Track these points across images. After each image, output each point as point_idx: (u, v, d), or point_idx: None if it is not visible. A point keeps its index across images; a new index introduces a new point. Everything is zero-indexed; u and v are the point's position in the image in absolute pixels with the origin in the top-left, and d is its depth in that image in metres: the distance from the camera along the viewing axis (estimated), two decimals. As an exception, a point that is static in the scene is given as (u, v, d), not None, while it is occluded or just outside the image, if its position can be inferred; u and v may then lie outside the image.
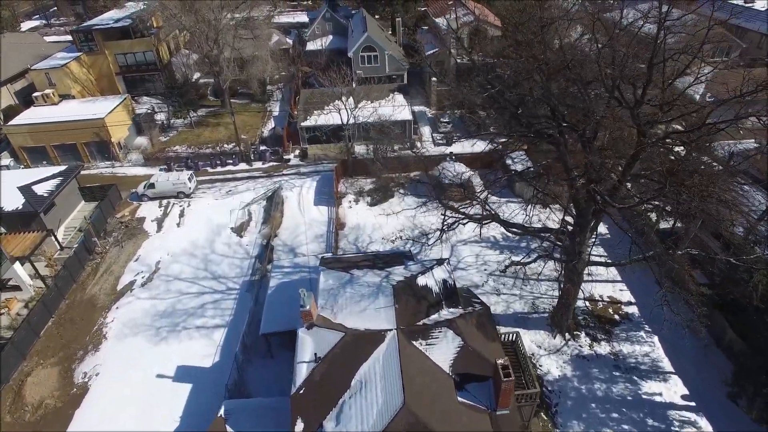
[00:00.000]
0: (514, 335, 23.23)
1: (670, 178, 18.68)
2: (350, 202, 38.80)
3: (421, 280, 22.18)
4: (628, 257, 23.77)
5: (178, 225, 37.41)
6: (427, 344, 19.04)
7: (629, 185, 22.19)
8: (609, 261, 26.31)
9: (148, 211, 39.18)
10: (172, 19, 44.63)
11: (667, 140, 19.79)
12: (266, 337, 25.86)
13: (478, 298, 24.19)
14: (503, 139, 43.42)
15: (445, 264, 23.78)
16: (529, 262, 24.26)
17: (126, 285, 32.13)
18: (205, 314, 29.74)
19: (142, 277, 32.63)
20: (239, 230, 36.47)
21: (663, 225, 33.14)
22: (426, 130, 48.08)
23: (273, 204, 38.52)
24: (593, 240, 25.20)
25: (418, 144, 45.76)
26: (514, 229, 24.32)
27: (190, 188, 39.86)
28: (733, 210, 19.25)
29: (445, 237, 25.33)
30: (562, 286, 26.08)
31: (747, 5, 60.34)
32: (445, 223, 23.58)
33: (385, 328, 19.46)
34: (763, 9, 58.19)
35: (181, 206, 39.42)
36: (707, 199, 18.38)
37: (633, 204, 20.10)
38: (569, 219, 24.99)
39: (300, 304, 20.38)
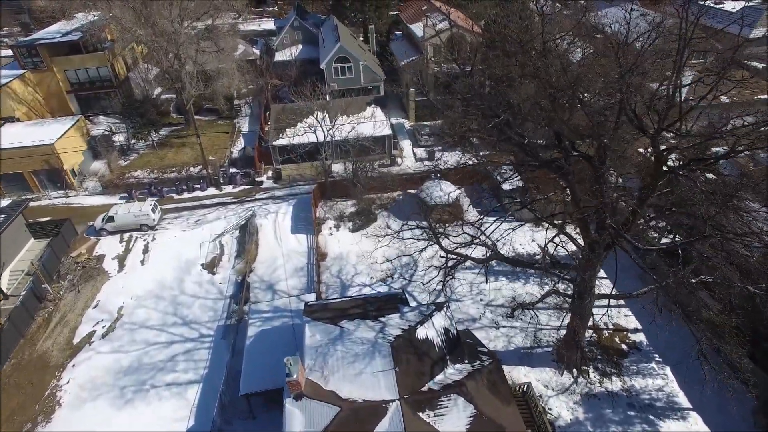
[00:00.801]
0: (526, 386, 21.08)
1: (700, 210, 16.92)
2: (330, 228, 36.07)
3: (421, 332, 19.78)
4: (638, 287, 22.08)
5: (143, 262, 33.89)
6: (435, 415, 16.63)
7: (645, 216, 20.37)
8: (619, 293, 24.49)
9: (108, 247, 35.46)
10: (126, 33, 40.82)
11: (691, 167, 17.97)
12: (247, 397, 22.97)
13: (483, 345, 21.96)
14: (487, 151, 41.59)
15: (445, 309, 21.45)
16: (537, 302, 22.18)
17: (84, 337, 28.54)
18: (177, 368, 26.54)
19: (103, 327, 29.10)
20: (211, 266, 33.26)
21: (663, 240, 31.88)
22: (406, 144, 45.75)
23: (247, 234, 35.45)
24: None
25: (399, 160, 43.37)
26: (521, 266, 22.13)
27: (154, 220, 36.33)
28: (749, 231, 17.63)
29: (449, 282, 22.88)
30: (568, 322, 24.23)
31: (717, 6, 60.45)
32: (447, 271, 21.18)
33: (387, 399, 16.95)
34: (734, 10, 58.29)
35: (145, 240, 35.86)
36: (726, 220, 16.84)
37: (665, 246, 18.13)
38: (569, 244, 23.05)
39: (285, 372, 17.65)
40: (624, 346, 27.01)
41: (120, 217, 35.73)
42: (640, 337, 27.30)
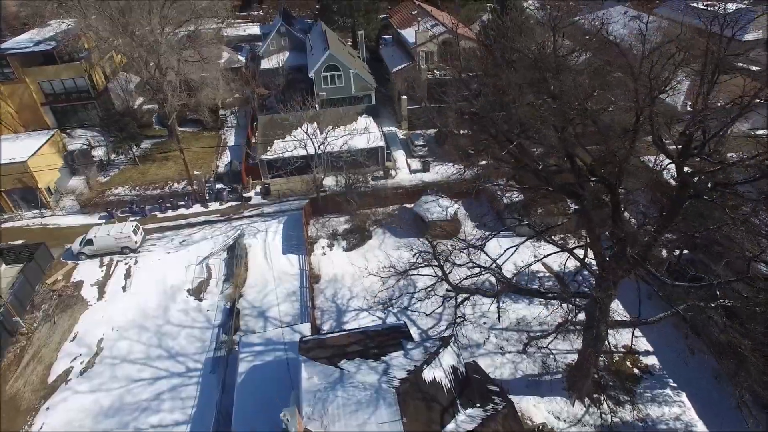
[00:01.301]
0: (541, 426, 19.65)
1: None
2: (323, 247, 34.36)
3: (428, 374, 18.21)
4: (649, 307, 20.81)
5: (124, 289, 31.85)
6: (448, 474, 15.07)
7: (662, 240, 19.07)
8: (633, 320, 23.23)
9: (87, 272, 33.32)
10: (103, 43, 38.66)
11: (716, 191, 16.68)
12: (239, 442, 21.20)
13: (493, 381, 20.48)
14: (484, 162, 40.17)
15: (452, 344, 19.92)
16: (550, 335, 20.77)
17: (60, 375, 26.47)
18: (162, 407, 24.64)
19: (81, 363, 27.05)
20: (197, 292, 31.35)
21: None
22: (399, 155, 44.20)
23: (235, 256, 33.57)
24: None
25: (393, 172, 41.80)
26: (535, 296, 20.69)
27: (136, 242, 34.28)
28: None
29: (459, 319, 21.36)
30: (580, 348, 22.93)
31: (710, 8, 59.92)
32: (456, 309, 19.65)
33: (395, 456, 15.35)
34: (725, 12, 57.71)
35: (126, 264, 33.79)
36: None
37: (700, 286, 16.74)
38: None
39: (282, 428, 15.94)
40: (636, 371, 25.76)
41: (99, 240, 33.61)
42: (651, 360, 26.08)
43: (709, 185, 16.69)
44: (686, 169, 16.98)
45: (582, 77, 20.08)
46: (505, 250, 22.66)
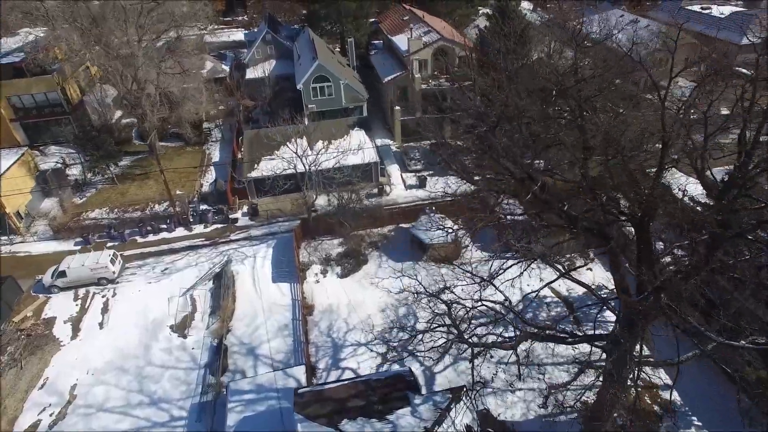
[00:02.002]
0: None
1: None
2: (316, 274, 32.21)
3: (441, 437, 16.23)
4: (677, 353, 19.05)
5: (102, 325, 29.38)
6: None
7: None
8: (658, 360, 21.49)
9: (60, 307, 30.75)
10: (74, 56, 36.04)
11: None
12: None
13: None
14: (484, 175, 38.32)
15: (464, 397, 17.96)
16: (570, 381, 18.93)
17: (26, 430, 23.97)
18: (143, 464, 22.37)
19: (51, 415, 24.57)
20: (182, 327, 29.00)
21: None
22: (394, 170, 42.18)
23: (222, 285, 31.28)
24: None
25: (387, 189, 39.77)
26: (557, 342, 18.82)
27: (114, 272, 31.79)
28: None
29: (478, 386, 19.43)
30: (599, 390, 21.13)
31: (704, 11, 58.91)
32: (475, 374, 17.69)
33: None
34: (722, 15, 56.72)
35: (104, 297, 31.29)
36: None
37: (753, 346, 14.92)
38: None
39: None
40: (656, 407, 24.10)
41: (73, 272, 31.06)
42: (672, 395, 24.37)
43: (754, 223, 14.95)
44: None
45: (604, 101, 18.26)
46: (516, 281, 20.90)
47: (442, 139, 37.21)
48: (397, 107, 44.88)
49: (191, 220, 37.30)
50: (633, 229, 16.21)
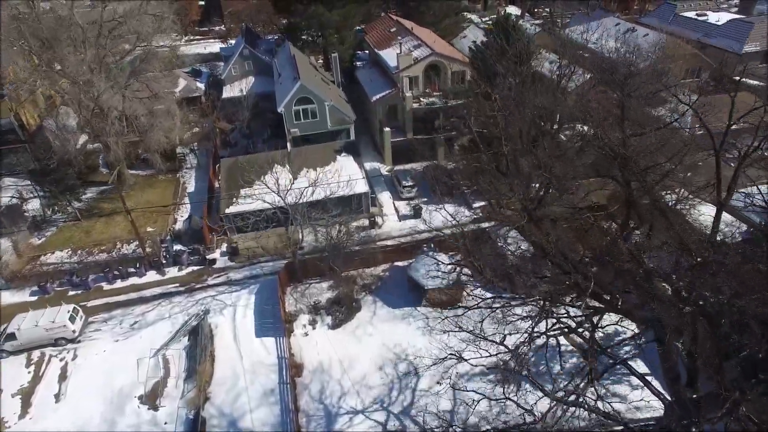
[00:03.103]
0: None
1: None
2: (305, 326, 28.97)
3: None
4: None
5: (58, 398, 25.70)
6: None
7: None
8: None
9: (8, 376, 26.89)
10: (22, 84, 32.17)
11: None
12: None
13: None
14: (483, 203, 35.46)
15: None
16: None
17: None
18: None
19: None
20: (152, 397, 25.49)
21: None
22: (386, 198, 39.06)
23: (199, 343, 27.84)
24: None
25: (379, 220, 36.68)
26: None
27: (74, 331, 28.10)
28: None
29: None
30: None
31: (700, 18, 57.06)
32: None
33: None
34: (718, 23, 54.89)
35: (62, 360, 27.61)
36: None
37: None
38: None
39: None
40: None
41: (25, 333, 27.30)
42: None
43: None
44: None
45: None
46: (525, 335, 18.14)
47: (436, 164, 34.22)
48: (387, 129, 41.81)
49: (164, 262, 33.69)
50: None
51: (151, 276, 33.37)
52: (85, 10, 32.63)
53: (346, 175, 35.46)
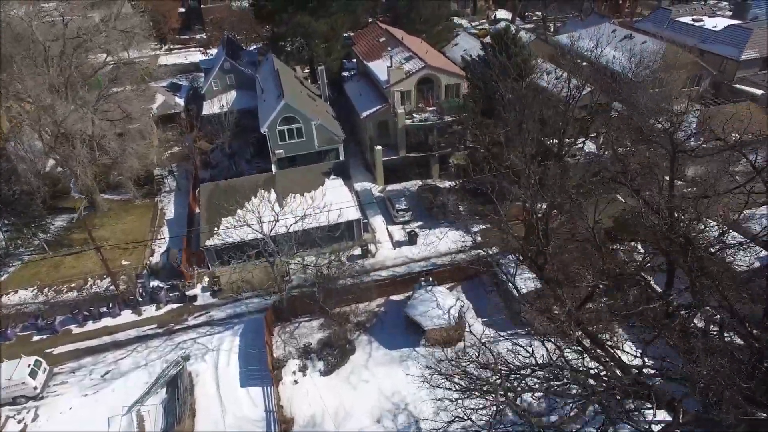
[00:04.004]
0: None
1: None
2: (294, 372, 26.52)
3: None
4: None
5: (17, 467, 22.98)
6: None
7: None
8: None
9: (-36, 440, 24.18)
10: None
11: None
12: None
13: None
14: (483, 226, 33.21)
15: None
16: None
17: None
18: None
19: None
20: (124, 464, 22.88)
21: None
22: (378, 222, 36.67)
23: (178, 396, 25.22)
24: None
25: (373, 248, 34.31)
26: None
27: (35, 387, 25.28)
28: None
29: None
30: None
31: (697, 24, 55.59)
32: None
33: None
34: (715, 29, 53.44)
35: (21, 421, 24.79)
36: None
37: None
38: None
39: None
40: None
41: (-21, 392, 24.49)
42: None
43: None
44: None
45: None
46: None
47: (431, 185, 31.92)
48: (378, 147, 39.45)
49: (140, 300, 30.98)
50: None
51: (126, 316, 30.63)
52: (44, 24, 29.76)
53: (335, 200, 33.06)
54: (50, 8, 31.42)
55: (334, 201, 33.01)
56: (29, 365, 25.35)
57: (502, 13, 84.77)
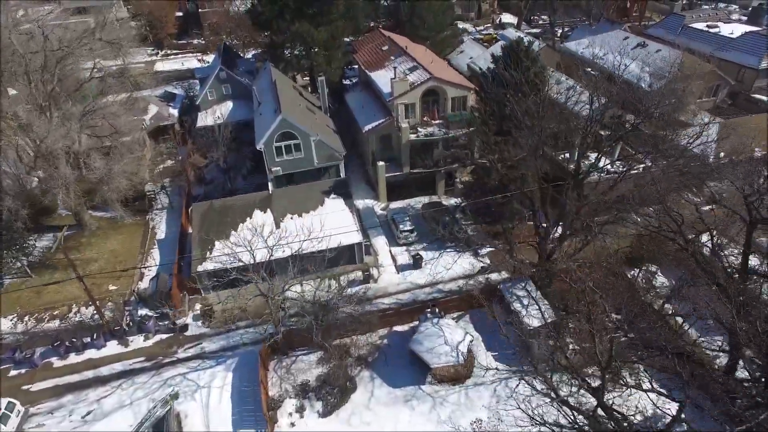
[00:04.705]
0: None
1: None
2: (291, 414, 24.57)
3: None
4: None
5: None
6: None
7: None
8: None
9: (-68, 491, 22.25)
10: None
11: None
12: None
13: None
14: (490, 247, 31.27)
15: None
16: None
17: None
18: None
19: None
20: None
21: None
22: (381, 244, 34.68)
23: (164, 442, 23.28)
24: None
25: (375, 272, 32.34)
26: None
27: None
28: None
29: None
30: None
31: (712, 30, 53.55)
32: None
33: None
34: (731, 35, 51.38)
35: (-4, 470, 22.92)
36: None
37: None
38: None
39: None
40: None
41: (-51, 439, 22.57)
42: None
43: None
44: None
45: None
46: None
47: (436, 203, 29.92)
48: (381, 162, 37.47)
49: (127, 329, 29.05)
50: None
51: (112, 347, 28.70)
52: (23, 37, 27.85)
53: (335, 222, 31.09)
54: (27, 19, 29.50)
55: (334, 224, 31.02)
56: (0, 410, 23.42)
57: (508, 17, 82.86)
